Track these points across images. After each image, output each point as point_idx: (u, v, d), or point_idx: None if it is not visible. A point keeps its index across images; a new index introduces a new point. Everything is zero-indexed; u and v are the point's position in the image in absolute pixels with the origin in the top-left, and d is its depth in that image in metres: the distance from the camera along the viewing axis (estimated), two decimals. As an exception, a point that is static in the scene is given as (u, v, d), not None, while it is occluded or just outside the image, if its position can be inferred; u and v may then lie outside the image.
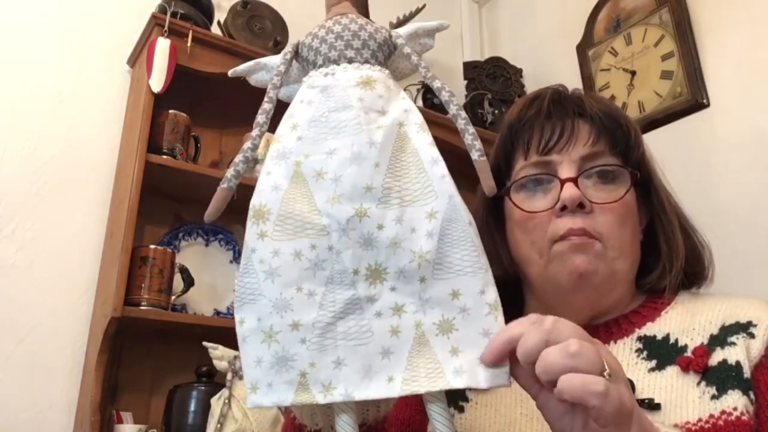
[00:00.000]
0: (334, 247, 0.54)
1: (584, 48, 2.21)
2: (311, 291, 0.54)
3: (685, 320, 0.73)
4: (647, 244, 0.79)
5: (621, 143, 0.77)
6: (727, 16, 1.84)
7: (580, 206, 0.72)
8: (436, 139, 0.61)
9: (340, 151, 0.56)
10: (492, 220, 0.83)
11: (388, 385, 0.52)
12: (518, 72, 2.46)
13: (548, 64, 2.39)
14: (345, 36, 0.60)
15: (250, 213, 0.56)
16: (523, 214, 0.76)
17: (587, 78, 2.16)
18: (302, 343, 0.53)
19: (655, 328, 0.74)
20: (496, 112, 2.29)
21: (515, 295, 0.83)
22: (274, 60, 0.64)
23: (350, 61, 0.59)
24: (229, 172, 0.57)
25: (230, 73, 0.65)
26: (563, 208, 0.72)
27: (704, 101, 1.82)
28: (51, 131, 1.68)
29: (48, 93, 1.70)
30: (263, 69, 0.65)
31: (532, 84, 2.45)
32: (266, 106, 0.59)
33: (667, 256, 0.77)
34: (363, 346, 0.53)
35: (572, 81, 2.20)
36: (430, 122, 2.26)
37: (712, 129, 1.79)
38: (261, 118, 0.59)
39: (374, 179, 0.55)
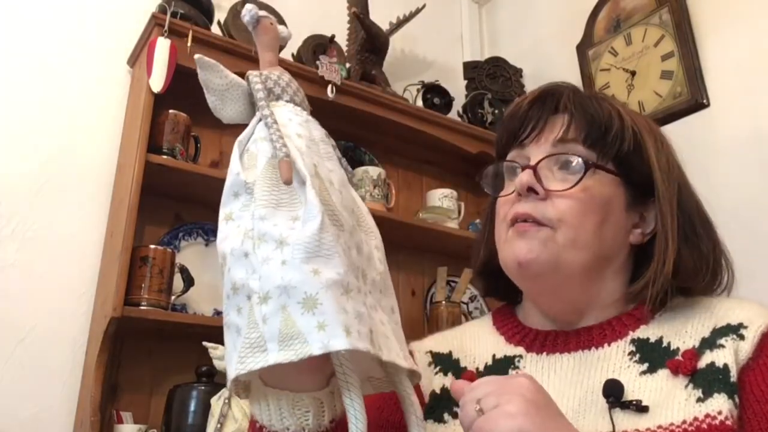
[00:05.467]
0: (347, 242, 0.60)
1: (584, 48, 2.21)
2: (353, 265, 0.60)
3: (678, 323, 0.74)
4: (650, 251, 0.77)
5: (594, 135, 0.76)
6: (727, 16, 1.84)
7: (535, 192, 0.74)
8: (436, 138, 0.67)
9: (335, 171, 0.65)
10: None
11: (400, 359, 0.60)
12: (518, 72, 2.46)
13: (548, 64, 2.39)
14: (301, 92, 0.71)
15: (309, 183, 0.59)
16: (498, 200, 0.81)
17: (587, 78, 2.16)
18: (363, 305, 0.58)
19: (648, 331, 0.74)
20: (496, 112, 2.29)
21: (516, 289, 0.84)
22: (232, 75, 0.71)
23: (305, 110, 0.69)
24: (283, 148, 0.61)
25: (197, 56, 0.71)
26: (520, 194, 0.75)
27: (704, 101, 1.82)
28: (51, 131, 1.68)
29: (48, 93, 1.70)
30: (220, 74, 0.71)
31: (532, 84, 2.45)
32: (272, 117, 0.64)
33: (655, 266, 0.75)
34: (379, 326, 0.60)
35: (572, 81, 2.19)
36: (430, 122, 2.25)
37: (712, 129, 1.79)
38: (275, 126, 0.63)
39: (353, 206, 0.65)
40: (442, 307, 1.96)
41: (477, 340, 0.84)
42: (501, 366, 0.79)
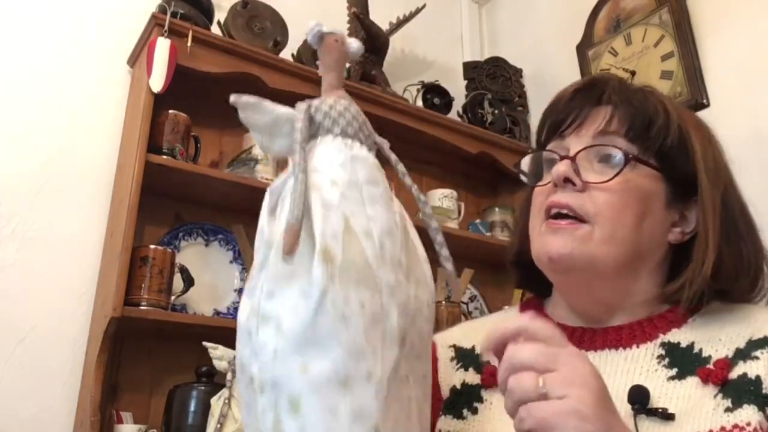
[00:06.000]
0: (384, 305, 0.54)
1: (584, 48, 2.21)
2: (374, 345, 0.52)
3: (712, 329, 0.71)
4: (690, 252, 0.74)
5: (637, 128, 0.74)
6: (727, 16, 1.84)
7: (572, 184, 0.72)
8: (436, 138, 0.63)
9: (378, 220, 0.57)
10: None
11: None
12: (518, 72, 2.46)
13: (548, 64, 2.39)
14: (359, 119, 0.63)
15: (318, 250, 0.53)
16: (534, 190, 0.78)
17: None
18: (375, 396, 0.51)
19: (680, 335, 0.72)
20: (496, 112, 2.29)
21: (546, 282, 0.81)
22: (276, 108, 0.62)
23: (361, 142, 0.62)
24: (298, 210, 0.53)
25: (233, 99, 0.62)
26: (556, 184, 0.73)
27: (704, 101, 1.82)
28: (51, 131, 1.68)
29: (48, 93, 1.70)
30: (262, 111, 0.62)
31: (532, 84, 2.45)
32: (302, 166, 0.56)
33: (693, 267, 0.72)
34: (405, 413, 0.54)
35: (572, 81, 2.20)
36: (430, 122, 2.25)
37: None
38: (302, 176, 0.55)
39: (402, 255, 0.57)
40: (442, 307, 1.96)
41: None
42: None
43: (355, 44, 0.66)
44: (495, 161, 2.18)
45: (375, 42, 2.07)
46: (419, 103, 2.20)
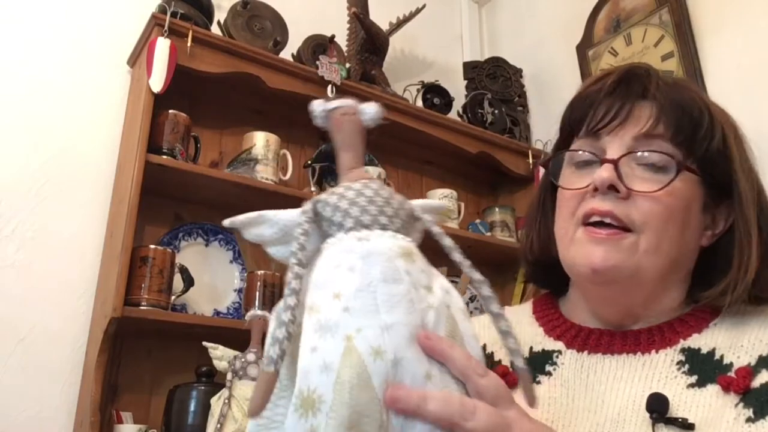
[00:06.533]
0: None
1: (584, 48, 2.21)
2: None
3: (734, 335, 0.68)
4: (720, 254, 0.71)
5: (684, 132, 0.69)
6: (727, 16, 1.84)
7: (615, 191, 0.67)
8: (436, 138, 0.60)
9: (397, 328, 0.48)
10: (549, 204, 0.78)
11: None
12: (518, 72, 2.46)
13: (548, 64, 2.40)
14: (377, 201, 0.54)
15: (295, 401, 0.45)
16: (562, 192, 0.73)
17: (587, 78, 2.16)
18: None
19: (701, 341, 0.68)
20: (496, 112, 2.29)
21: (562, 280, 0.78)
22: (281, 216, 0.56)
23: (383, 228, 0.54)
24: (274, 352, 0.46)
25: (227, 223, 0.57)
26: (596, 189, 0.68)
27: (704, 101, 1.82)
28: (51, 131, 1.68)
29: (48, 93, 1.70)
30: (265, 223, 0.56)
31: (532, 84, 2.46)
32: (294, 284, 0.49)
33: (735, 273, 0.68)
34: None
35: (572, 81, 2.21)
36: (430, 122, 2.25)
37: (712, 129, 1.79)
38: (291, 300, 0.48)
39: (432, 366, 0.49)
40: (442, 307, 1.96)
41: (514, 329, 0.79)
42: (538, 361, 0.74)
43: (370, 110, 0.59)
44: (495, 161, 2.18)
45: (375, 42, 2.07)
46: (419, 103, 2.20)
